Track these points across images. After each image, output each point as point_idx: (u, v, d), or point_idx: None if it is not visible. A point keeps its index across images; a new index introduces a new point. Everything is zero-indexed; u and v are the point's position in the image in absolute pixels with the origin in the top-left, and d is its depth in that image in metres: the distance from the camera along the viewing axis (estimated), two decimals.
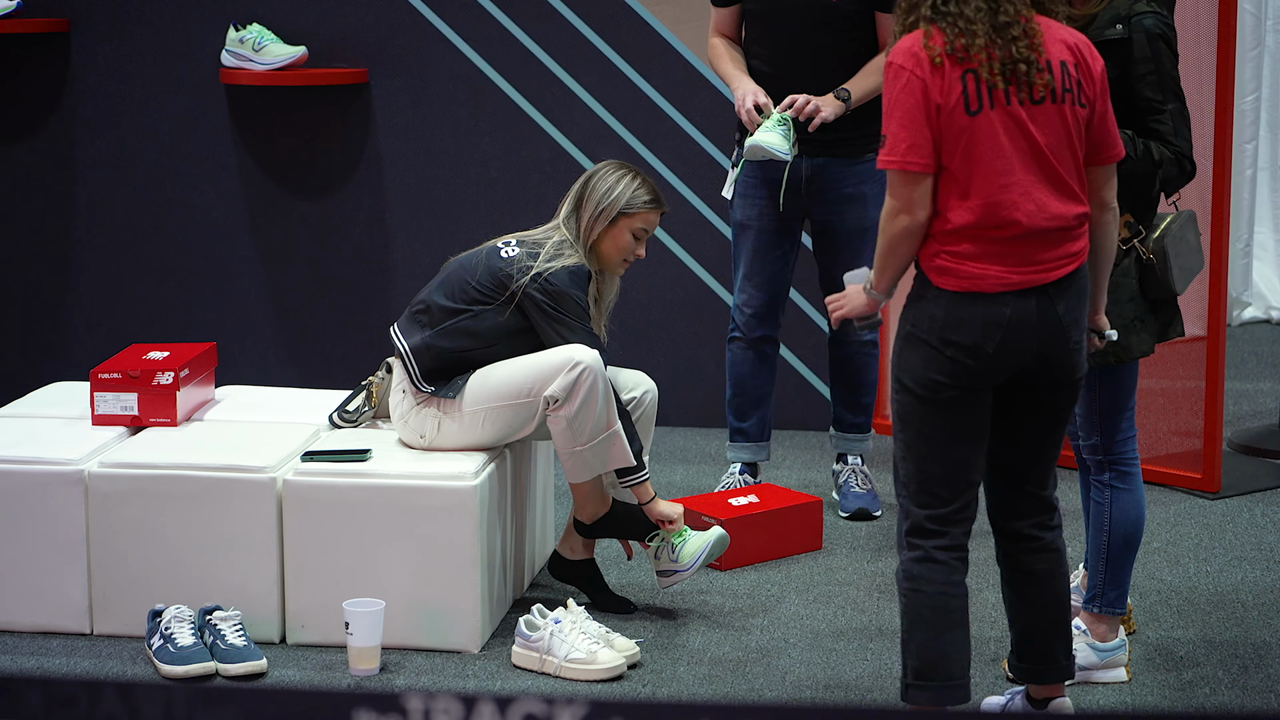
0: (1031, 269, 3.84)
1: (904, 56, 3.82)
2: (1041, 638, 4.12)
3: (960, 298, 3.84)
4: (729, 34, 5.68)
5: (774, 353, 5.80)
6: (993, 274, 3.83)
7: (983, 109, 3.78)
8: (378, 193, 6.78)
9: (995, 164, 3.80)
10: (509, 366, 4.86)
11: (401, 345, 4.91)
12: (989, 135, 3.79)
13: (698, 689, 4.55)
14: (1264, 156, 8.65)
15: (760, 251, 5.67)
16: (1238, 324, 8.48)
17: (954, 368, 3.85)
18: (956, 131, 3.79)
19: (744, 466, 5.87)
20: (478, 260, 4.94)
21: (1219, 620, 4.96)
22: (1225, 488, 6.01)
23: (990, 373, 3.87)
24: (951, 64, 3.78)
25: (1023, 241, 3.82)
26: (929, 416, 3.90)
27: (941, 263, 3.85)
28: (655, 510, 4.95)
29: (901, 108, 3.81)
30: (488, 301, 4.87)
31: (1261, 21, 8.45)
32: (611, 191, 4.96)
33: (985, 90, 3.78)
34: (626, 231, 4.96)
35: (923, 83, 3.79)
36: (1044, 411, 3.98)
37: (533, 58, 6.66)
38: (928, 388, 3.88)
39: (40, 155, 6.86)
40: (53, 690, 2.34)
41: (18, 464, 4.84)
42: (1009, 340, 3.84)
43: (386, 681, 4.58)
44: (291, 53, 6.57)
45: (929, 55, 3.79)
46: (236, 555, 4.76)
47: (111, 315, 6.90)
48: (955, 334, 3.84)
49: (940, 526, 3.95)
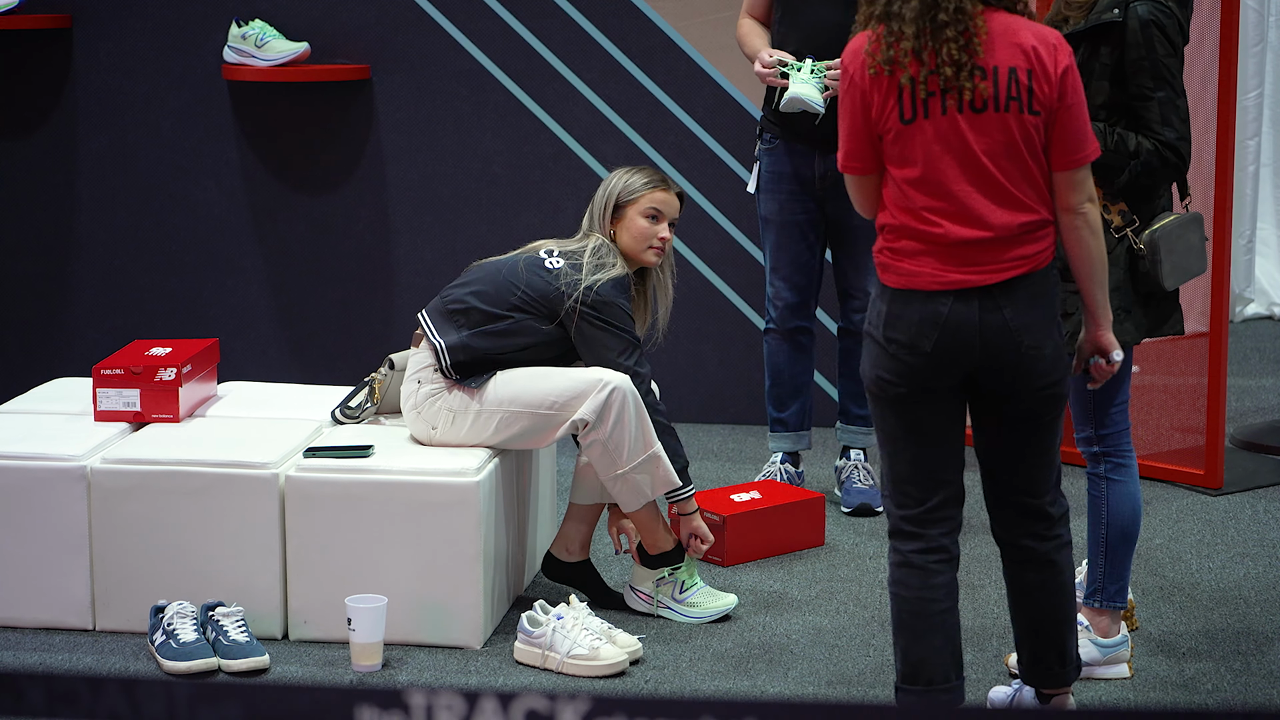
0: (971, 270, 3.79)
1: (849, 57, 3.83)
2: (1034, 647, 4.09)
3: (899, 294, 3.83)
4: (758, 16, 5.73)
5: (810, 343, 5.83)
6: (927, 271, 3.80)
7: (916, 118, 3.76)
8: (380, 189, 6.78)
9: (928, 173, 3.77)
10: (537, 374, 4.86)
11: (435, 339, 4.89)
12: (922, 144, 3.77)
13: (700, 685, 4.55)
14: (1266, 153, 8.65)
15: (785, 245, 5.72)
16: (1240, 320, 8.48)
17: (896, 365, 3.83)
18: (891, 138, 3.79)
19: (785, 456, 5.90)
20: (518, 268, 4.92)
21: (1221, 616, 4.96)
22: (1227, 484, 6.01)
23: (933, 373, 3.82)
24: (889, 69, 3.77)
25: (959, 246, 3.79)
26: (885, 415, 3.90)
27: (884, 259, 3.86)
28: (693, 525, 4.95)
29: (845, 111, 3.84)
30: (530, 311, 4.88)
31: (1264, 18, 8.45)
32: (608, 187, 5.03)
33: (920, 98, 3.75)
34: (637, 217, 4.98)
35: (861, 90, 3.80)
36: (1015, 420, 3.89)
37: (535, 54, 6.66)
38: (876, 384, 3.88)
39: (42, 151, 6.86)
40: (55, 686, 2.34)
41: (20, 460, 4.84)
42: (947, 340, 3.79)
43: (389, 677, 4.58)
44: (294, 49, 6.57)
45: (868, 60, 3.78)
46: (239, 551, 4.76)
47: (114, 311, 6.90)
48: (895, 331, 3.83)
49: (916, 529, 3.91)
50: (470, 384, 4.86)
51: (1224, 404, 5.99)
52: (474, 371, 4.88)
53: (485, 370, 4.88)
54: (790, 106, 5.46)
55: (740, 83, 6.54)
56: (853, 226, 5.68)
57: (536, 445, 4.97)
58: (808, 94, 5.43)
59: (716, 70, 6.59)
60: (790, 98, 5.44)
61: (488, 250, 6.62)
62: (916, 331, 3.80)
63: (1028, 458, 3.94)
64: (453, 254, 6.67)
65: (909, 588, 3.92)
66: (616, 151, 6.64)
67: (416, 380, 4.93)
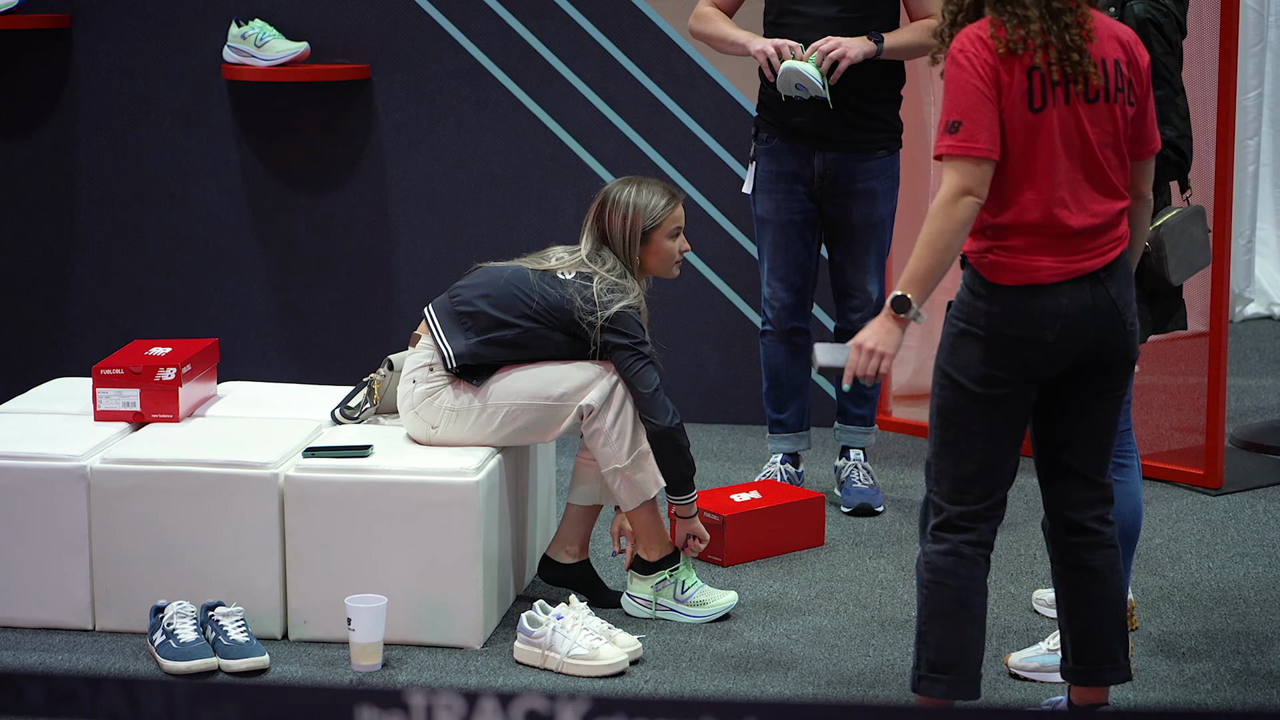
0: (1084, 257, 3.85)
1: (974, 43, 3.79)
2: (1101, 638, 4.07)
3: (1016, 291, 3.84)
4: (722, 6, 5.68)
5: (807, 344, 5.81)
6: (1048, 265, 3.83)
7: (1046, 106, 3.79)
8: (379, 189, 6.78)
9: (1051, 162, 3.81)
10: (539, 368, 4.86)
11: (443, 344, 4.88)
12: (1048, 133, 3.80)
13: (700, 685, 4.55)
14: (1266, 153, 8.65)
15: (783, 245, 5.70)
16: (1240, 320, 8.48)
17: (1012, 361, 3.85)
18: (1018, 126, 3.79)
19: (785, 456, 5.89)
20: (528, 278, 4.88)
21: (1221, 616, 4.96)
22: (1227, 484, 6.01)
23: (1051, 363, 3.88)
24: (1016, 56, 3.78)
25: (1075, 235, 3.84)
26: (977, 413, 3.89)
27: (994, 258, 3.84)
28: (691, 527, 4.94)
29: (971, 94, 3.78)
30: (539, 321, 4.86)
31: (1264, 18, 8.45)
32: (627, 217, 4.92)
33: (1049, 86, 3.78)
34: (663, 240, 4.94)
35: (994, 70, 3.78)
36: (1101, 396, 3.96)
37: (534, 53, 6.66)
38: (983, 382, 3.87)
39: (42, 151, 6.86)
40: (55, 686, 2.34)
41: (20, 460, 4.84)
42: (1068, 328, 3.84)
43: (388, 677, 4.58)
44: (293, 49, 6.57)
45: (995, 45, 3.78)
46: (238, 551, 4.76)
47: (113, 311, 6.90)
48: (1012, 327, 3.84)
49: (971, 523, 3.95)
50: (473, 381, 4.86)
51: (1224, 404, 6.00)
52: (477, 371, 4.88)
53: (488, 370, 4.88)
54: (786, 84, 5.41)
55: (740, 83, 6.54)
56: (851, 225, 5.68)
57: (541, 440, 4.96)
58: (805, 68, 5.39)
59: (716, 70, 6.59)
60: (787, 69, 5.38)
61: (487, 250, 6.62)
62: (1039, 324, 3.83)
63: (1105, 432, 4.00)
64: (453, 254, 6.67)
65: (956, 577, 3.94)
66: (616, 151, 6.64)
67: (412, 380, 4.92)
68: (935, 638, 3.95)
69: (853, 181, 5.63)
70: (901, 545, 5.52)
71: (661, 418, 4.81)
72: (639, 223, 4.91)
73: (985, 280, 3.86)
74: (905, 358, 6.93)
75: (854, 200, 5.64)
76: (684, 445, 4.86)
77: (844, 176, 5.62)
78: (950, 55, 3.82)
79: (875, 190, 5.64)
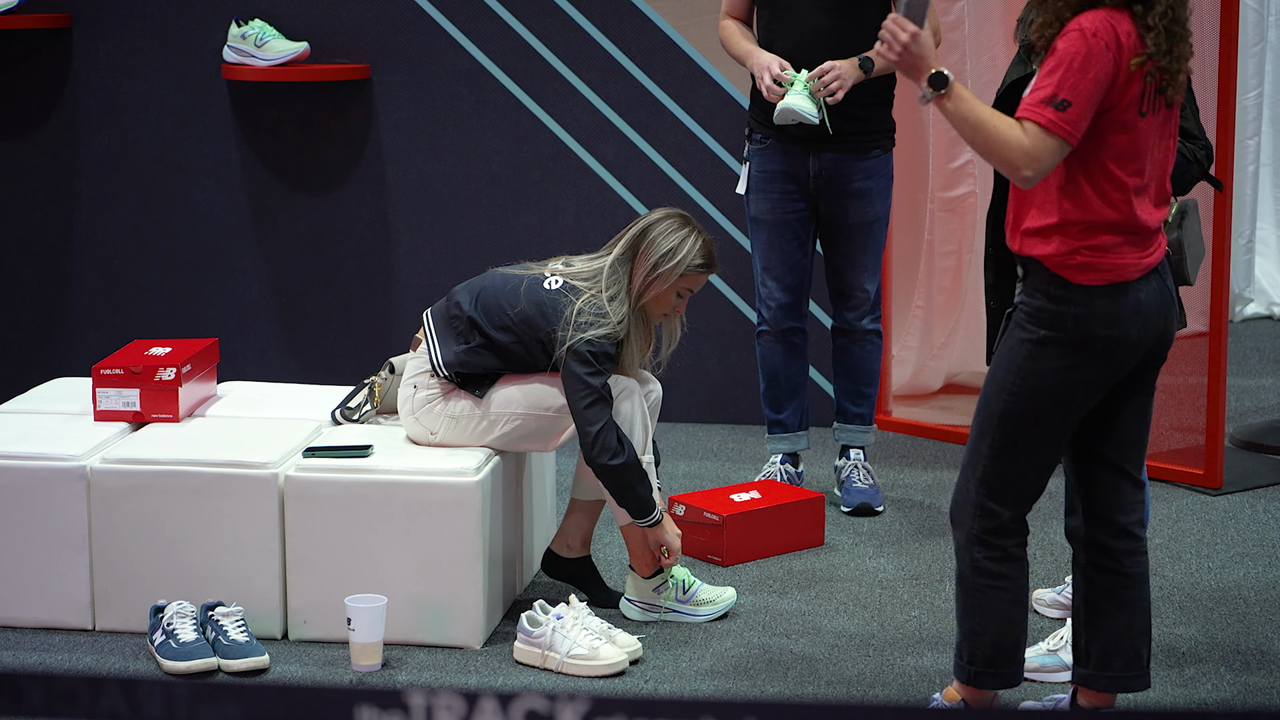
0: (1149, 252, 3.92)
1: (1106, 31, 3.76)
2: (1131, 644, 4.08)
3: (1103, 291, 3.87)
4: (740, 16, 5.72)
5: (803, 343, 5.82)
6: (1131, 261, 3.88)
7: (1148, 113, 3.83)
8: (379, 189, 6.78)
9: (1143, 164, 3.86)
10: (539, 380, 4.83)
11: (434, 351, 4.87)
12: (1145, 138, 3.85)
13: (700, 685, 4.55)
14: (1266, 152, 8.65)
15: (778, 244, 5.70)
16: (1239, 320, 8.48)
17: (1100, 362, 3.89)
18: (1125, 128, 3.81)
19: (785, 456, 5.90)
20: (518, 289, 4.83)
21: (1221, 616, 4.96)
22: (1227, 484, 6.01)
23: (1133, 360, 3.94)
24: (1135, 58, 3.78)
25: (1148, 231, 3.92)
26: (1053, 419, 3.92)
27: (1082, 259, 3.86)
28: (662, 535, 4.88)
29: (1093, 84, 3.75)
30: (514, 333, 4.80)
31: (1264, 17, 8.45)
32: (673, 255, 4.81)
33: (1151, 93, 3.82)
34: (674, 291, 4.87)
35: (1117, 70, 3.77)
36: (1143, 388, 4.02)
37: (535, 53, 6.66)
38: (1066, 388, 3.90)
39: (42, 151, 6.86)
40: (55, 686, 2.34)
41: (20, 460, 4.84)
42: (1147, 324, 3.91)
43: (388, 677, 4.58)
44: (293, 48, 6.57)
45: (1128, 49, 3.78)
46: (238, 551, 4.76)
47: (113, 311, 6.90)
48: (1102, 327, 3.87)
49: (1019, 525, 4.03)
50: (474, 391, 4.85)
51: (1224, 404, 6.00)
52: (474, 379, 4.87)
53: (486, 378, 4.87)
54: (784, 119, 5.46)
55: (740, 83, 6.54)
56: (848, 225, 5.68)
57: (542, 449, 4.96)
58: (801, 105, 5.43)
59: (716, 70, 6.59)
60: (782, 109, 5.44)
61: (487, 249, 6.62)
62: (1127, 322, 3.89)
63: (1141, 425, 4.05)
64: (453, 254, 6.67)
65: (1013, 579, 4.03)
66: (616, 152, 6.64)
67: (413, 385, 4.92)
68: (991, 635, 4.04)
69: (848, 181, 5.64)
70: (901, 545, 5.52)
71: (603, 457, 4.72)
72: (679, 267, 4.81)
73: (1068, 282, 3.87)
74: (905, 358, 6.94)
75: (849, 200, 5.66)
76: (633, 479, 4.75)
77: (839, 176, 5.64)
78: (1083, 33, 3.74)
79: (870, 189, 5.66)
